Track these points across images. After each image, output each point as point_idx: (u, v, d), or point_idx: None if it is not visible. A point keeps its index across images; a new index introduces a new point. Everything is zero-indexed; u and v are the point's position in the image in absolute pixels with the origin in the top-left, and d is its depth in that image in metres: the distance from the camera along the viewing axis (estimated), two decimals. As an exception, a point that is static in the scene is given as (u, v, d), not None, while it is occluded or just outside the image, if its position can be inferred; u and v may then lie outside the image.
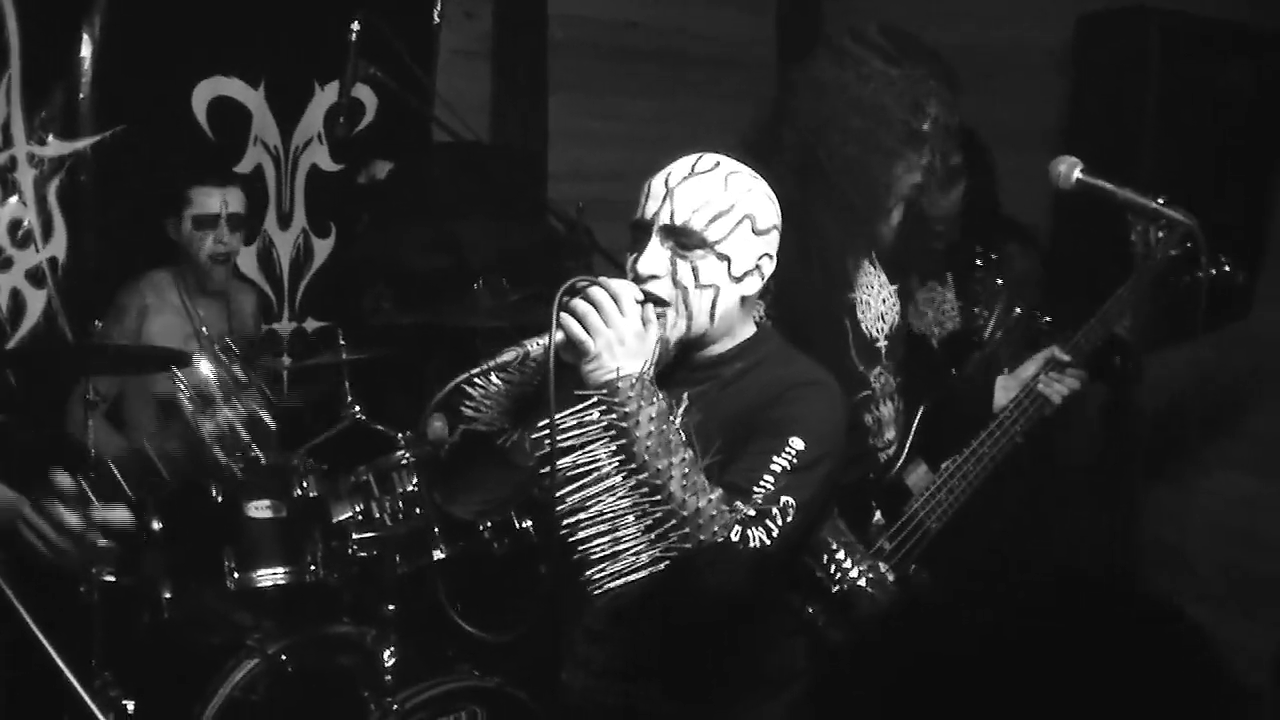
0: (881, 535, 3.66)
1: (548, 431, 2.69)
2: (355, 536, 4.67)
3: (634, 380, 2.69)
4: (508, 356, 2.71)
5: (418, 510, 4.68)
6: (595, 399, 2.69)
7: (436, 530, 4.66)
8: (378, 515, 4.72)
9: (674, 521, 2.63)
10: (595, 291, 2.72)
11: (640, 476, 2.66)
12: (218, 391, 2.64)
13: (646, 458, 2.65)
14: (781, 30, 7.15)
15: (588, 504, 2.68)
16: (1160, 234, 3.62)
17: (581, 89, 6.56)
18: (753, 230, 2.86)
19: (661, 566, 2.65)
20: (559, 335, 2.71)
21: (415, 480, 4.74)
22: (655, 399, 2.69)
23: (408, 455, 4.77)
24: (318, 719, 4.42)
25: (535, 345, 2.73)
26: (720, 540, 2.64)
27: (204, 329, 5.11)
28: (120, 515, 2.70)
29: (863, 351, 3.64)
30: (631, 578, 2.65)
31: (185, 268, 5.14)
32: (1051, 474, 4.58)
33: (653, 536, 2.65)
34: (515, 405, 2.89)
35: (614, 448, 2.68)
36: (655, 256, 2.82)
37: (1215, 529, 5.44)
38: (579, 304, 2.72)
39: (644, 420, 2.66)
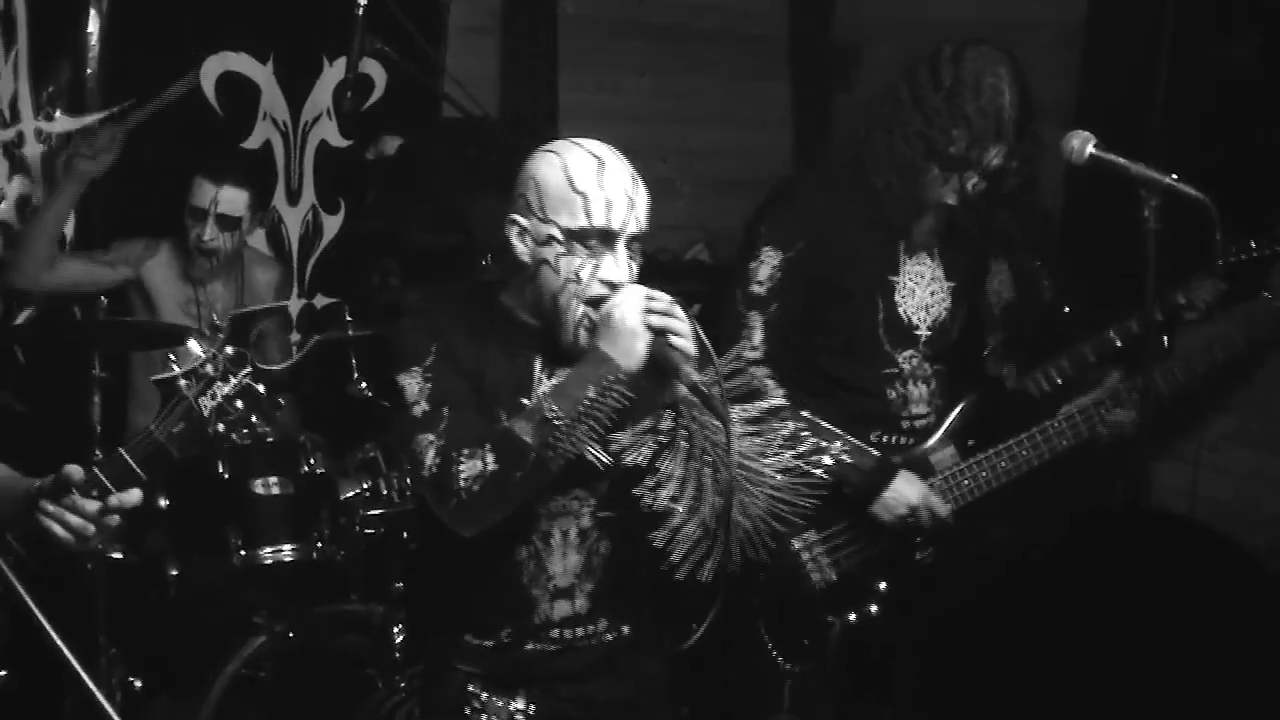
0: None
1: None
2: (363, 513, 4.68)
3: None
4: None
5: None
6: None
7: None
8: (385, 492, 4.73)
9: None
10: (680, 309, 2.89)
11: (738, 463, 2.88)
12: (211, 368, 2.86)
13: (740, 447, 2.91)
14: (793, 5, 7.12)
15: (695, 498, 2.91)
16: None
17: (591, 64, 6.54)
18: None
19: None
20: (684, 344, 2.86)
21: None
22: None
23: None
24: (325, 696, 4.41)
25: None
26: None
27: (205, 301, 5.11)
28: (133, 497, 2.81)
29: (894, 332, 3.81)
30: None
31: (183, 247, 5.12)
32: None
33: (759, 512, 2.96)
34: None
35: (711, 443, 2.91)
36: (625, 264, 2.97)
37: (1223, 505, 5.43)
38: (677, 324, 2.86)
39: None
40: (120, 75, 5.23)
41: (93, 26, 5.19)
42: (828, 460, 3.60)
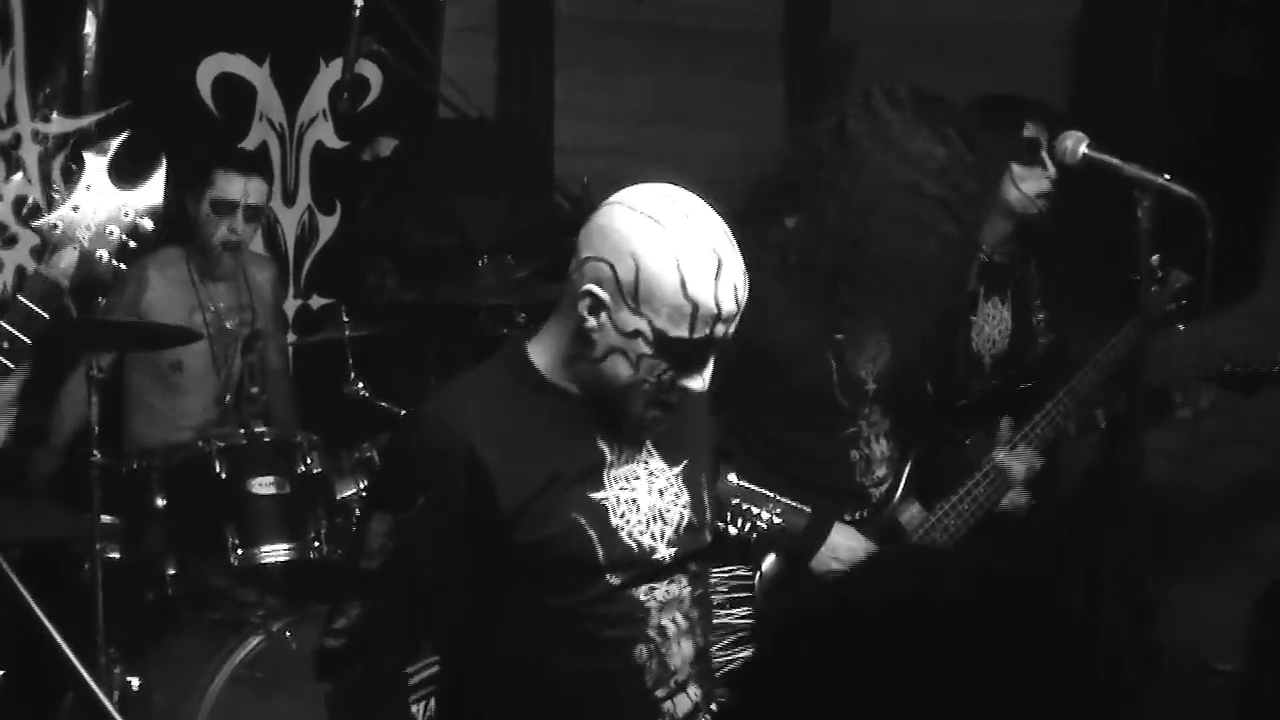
0: None
1: None
2: (359, 513, 4.68)
3: None
4: None
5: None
6: None
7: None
8: (381, 492, 4.73)
9: None
10: None
11: None
12: None
13: None
14: (788, 4, 7.13)
15: None
16: (1155, 287, 3.65)
17: (587, 64, 6.54)
18: None
19: None
20: None
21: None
22: None
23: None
24: (322, 696, 4.42)
25: None
26: None
27: (211, 305, 5.11)
28: None
29: (849, 390, 3.60)
30: None
31: (196, 247, 5.12)
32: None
33: None
34: None
35: None
36: (711, 370, 2.62)
37: (1220, 503, 5.45)
38: None
39: None
40: (117, 77, 5.24)
41: (89, 28, 5.19)
42: (761, 525, 3.49)
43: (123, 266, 2.96)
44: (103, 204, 2.90)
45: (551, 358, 2.66)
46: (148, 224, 2.94)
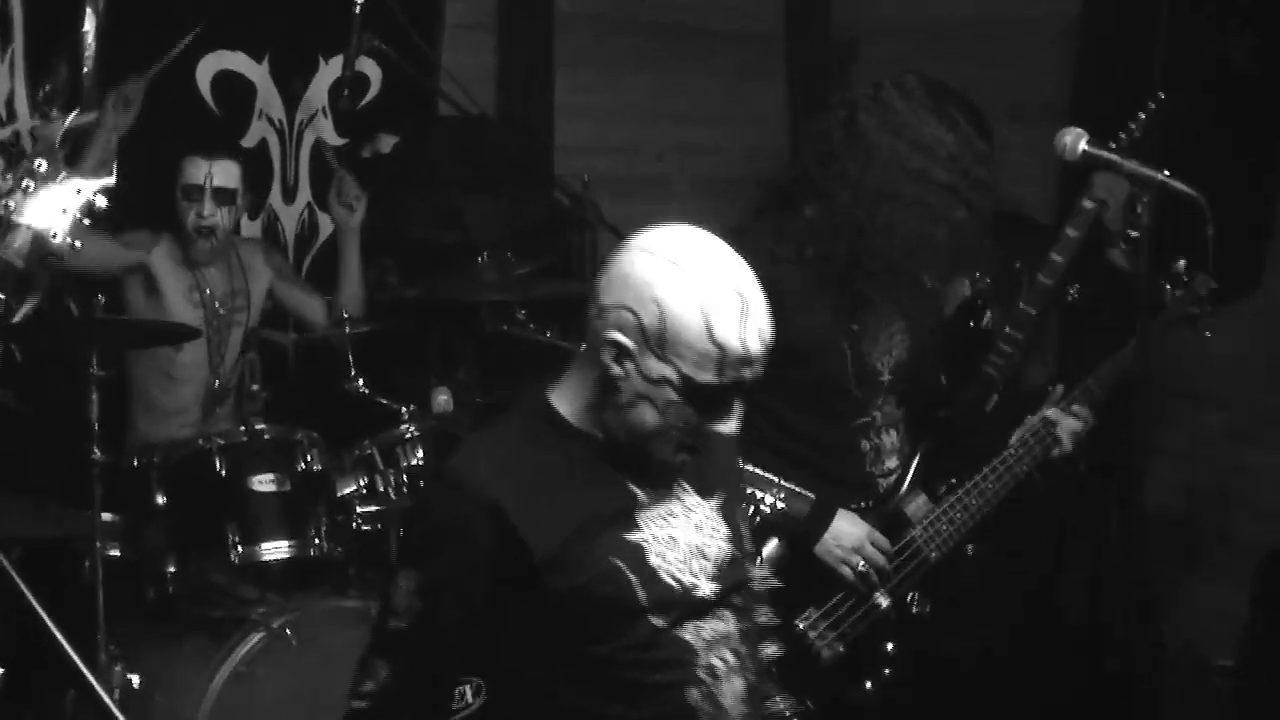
0: None
1: None
2: (359, 510, 4.71)
3: None
4: None
5: (421, 484, 4.69)
6: None
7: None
8: (382, 489, 4.76)
9: None
10: None
11: None
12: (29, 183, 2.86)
13: None
14: (789, 2, 7.13)
15: None
16: (1178, 292, 3.66)
17: (588, 62, 6.54)
18: None
19: None
20: None
21: (420, 454, 4.76)
22: None
23: (412, 429, 4.78)
24: (323, 693, 4.42)
25: None
26: None
27: (206, 287, 5.14)
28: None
29: (864, 380, 3.63)
30: None
31: (182, 235, 5.14)
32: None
33: None
34: None
35: None
36: (738, 413, 2.63)
37: (1220, 500, 5.45)
38: None
39: None
40: (116, 74, 5.23)
41: (88, 25, 5.19)
42: (764, 509, 3.50)
43: (78, 245, 2.89)
44: (55, 184, 2.87)
45: (577, 406, 2.62)
46: (102, 201, 2.89)
